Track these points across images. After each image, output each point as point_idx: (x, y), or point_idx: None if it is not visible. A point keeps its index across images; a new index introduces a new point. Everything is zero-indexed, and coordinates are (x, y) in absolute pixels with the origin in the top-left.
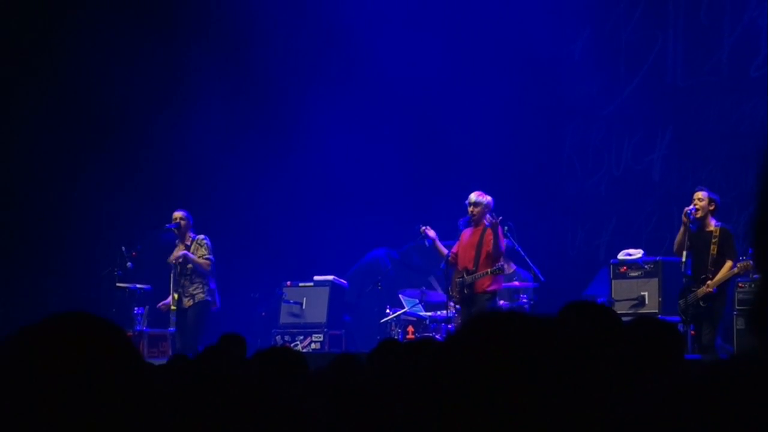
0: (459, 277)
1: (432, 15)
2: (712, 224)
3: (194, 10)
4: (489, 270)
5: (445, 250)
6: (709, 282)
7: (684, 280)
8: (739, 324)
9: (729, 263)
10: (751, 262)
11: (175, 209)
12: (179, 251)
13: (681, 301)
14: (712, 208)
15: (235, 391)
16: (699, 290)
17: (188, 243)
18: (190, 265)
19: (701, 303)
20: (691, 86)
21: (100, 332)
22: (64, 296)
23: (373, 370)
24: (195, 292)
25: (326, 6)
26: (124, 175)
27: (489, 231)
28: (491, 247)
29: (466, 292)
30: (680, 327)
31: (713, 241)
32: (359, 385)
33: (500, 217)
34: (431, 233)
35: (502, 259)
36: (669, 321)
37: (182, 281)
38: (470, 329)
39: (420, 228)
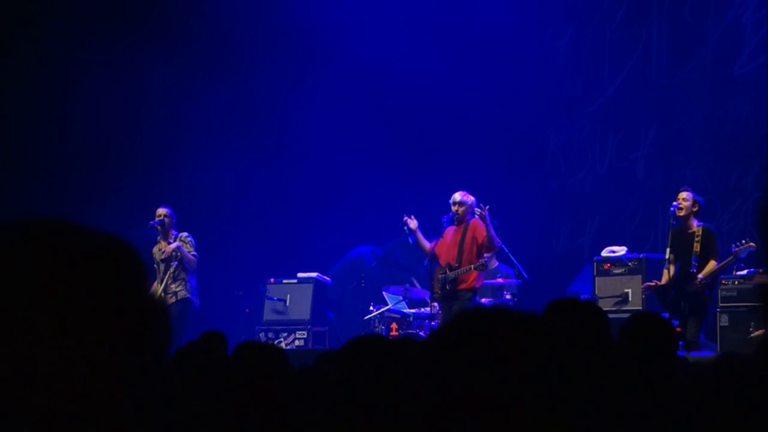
0: (441, 273)
1: (417, 12)
2: (695, 225)
3: (178, 9)
4: (472, 266)
5: (427, 243)
6: (700, 276)
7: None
8: (722, 321)
9: (713, 262)
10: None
11: (159, 206)
12: (164, 247)
13: (666, 300)
14: (695, 209)
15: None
16: (691, 285)
17: (171, 240)
18: (174, 263)
19: (695, 296)
20: (675, 84)
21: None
22: None
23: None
24: (177, 290)
25: (311, 2)
26: (108, 172)
27: (476, 226)
28: (484, 239)
29: (448, 288)
30: (674, 322)
31: (696, 239)
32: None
33: (487, 206)
34: (413, 224)
35: (493, 246)
36: (664, 317)
37: (165, 278)
38: (454, 326)
39: (403, 219)
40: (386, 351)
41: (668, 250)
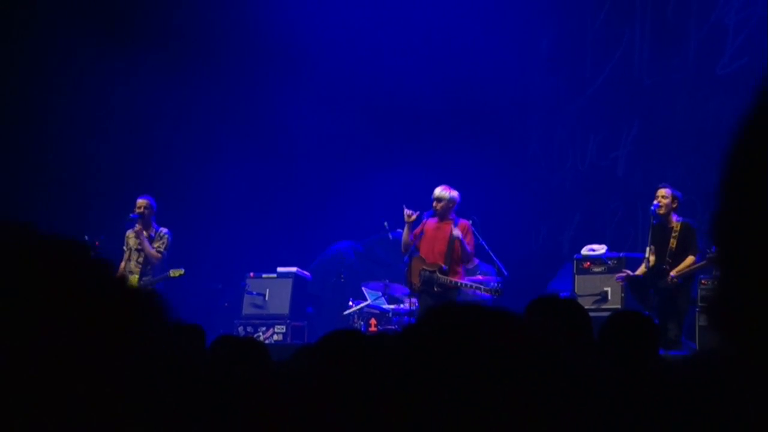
0: (428, 271)
1: (401, 9)
2: (674, 220)
3: (166, 8)
4: (482, 287)
5: (410, 238)
6: (672, 273)
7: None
8: (701, 321)
9: (691, 258)
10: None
11: (139, 197)
12: (137, 235)
13: (643, 297)
14: (675, 205)
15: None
16: (662, 281)
17: (152, 234)
18: (141, 257)
19: (669, 294)
20: (657, 83)
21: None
22: None
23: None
24: (147, 283)
25: None
26: (87, 164)
27: (466, 229)
28: (459, 252)
29: (436, 289)
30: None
31: (673, 235)
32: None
33: (471, 220)
34: (413, 217)
35: (469, 261)
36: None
37: (132, 269)
38: (425, 322)
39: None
40: (361, 346)
41: (648, 249)
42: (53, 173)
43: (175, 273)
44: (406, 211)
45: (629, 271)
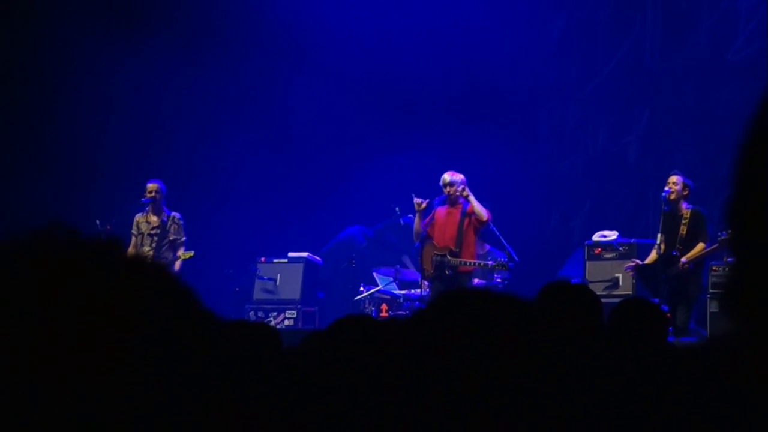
0: (439, 255)
1: None
2: (684, 208)
3: None
4: (490, 263)
5: (421, 225)
6: (683, 259)
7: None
8: (712, 307)
9: (701, 245)
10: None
11: (148, 180)
12: (152, 220)
13: (654, 284)
14: (685, 193)
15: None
16: (673, 268)
17: (164, 218)
18: (166, 241)
19: (680, 281)
20: (668, 69)
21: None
22: None
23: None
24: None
25: None
26: (96, 148)
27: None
28: (477, 216)
29: (447, 273)
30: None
31: (684, 222)
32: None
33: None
34: (423, 205)
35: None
36: (654, 302)
37: (146, 255)
38: (435, 307)
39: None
40: (372, 332)
41: (659, 236)
42: (62, 158)
43: (185, 255)
44: (416, 200)
45: (638, 261)
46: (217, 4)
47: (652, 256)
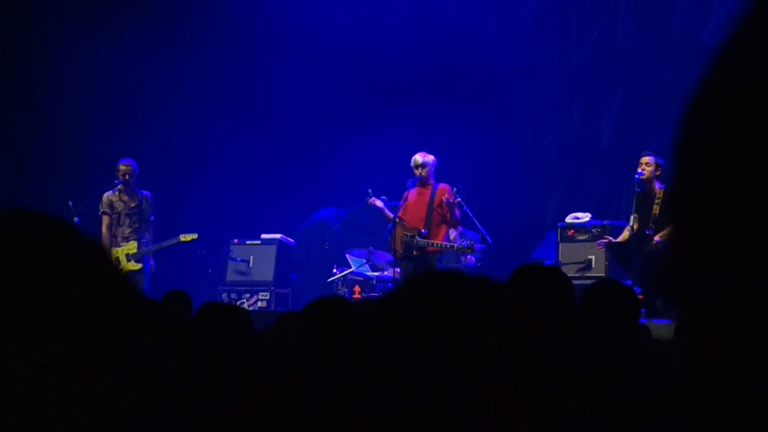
0: (408, 236)
1: None
2: (657, 187)
3: None
4: (455, 245)
5: (391, 215)
6: (656, 238)
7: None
8: None
9: None
10: None
11: (120, 159)
12: (126, 199)
13: (627, 265)
14: (658, 172)
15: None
16: (645, 247)
17: (140, 199)
18: (144, 220)
19: (647, 260)
20: (641, 51)
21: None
22: None
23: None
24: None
25: None
26: (71, 130)
27: (444, 190)
28: (448, 216)
29: (415, 253)
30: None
31: (656, 201)
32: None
33: (455, 188)
34: (378, 203)
35: (457, 225)
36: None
37: (126, 235)
38: (407, 288)
39: (367, 192)
40: (346, 313)
41: (633, 214)
42: (37, 140)
43: (186, 238)
44: (369, 200)
45: (611, 238)
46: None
47: (625, 234)
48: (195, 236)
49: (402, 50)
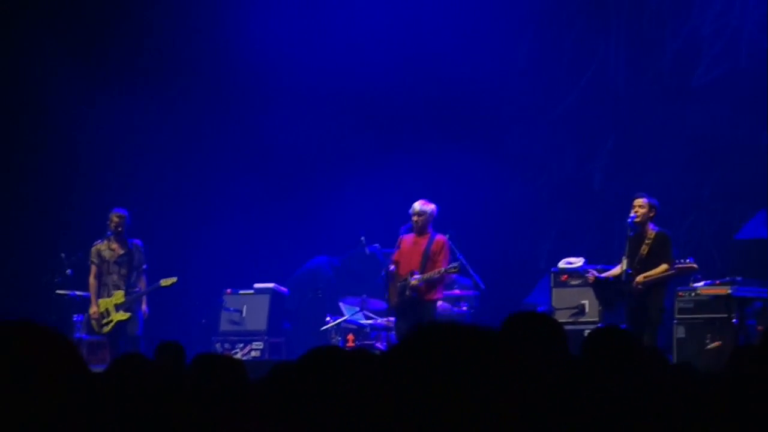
0: (401, 281)
1: (380, 17)
2: (650, 229)
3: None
4: (443, 268)
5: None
6: (638, 278)
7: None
8: (679, 333)
9: (664, 266)
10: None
11: (113, 208)
12: (116, 247)
13: (605, 298)
14: (652, 214)
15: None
16: (627, 286)
17: (130, 246)
18: (134, 269)
19: (631, 301)
20: (632, 95)
21: (45, 340)
22: (1, 303)
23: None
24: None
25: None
26: (60, 182)
27: (441, 243)
28: (441, 263)
29: (407, 294)
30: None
31: (646, 242)
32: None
33: (448, 234)
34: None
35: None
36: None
37: (116, 282)
38: (412, 341)
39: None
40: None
41: (625, 261)
42: (33, 190)
43: (166, 282)
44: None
45: (596, 273)
46: (186, 38)
47: (614, 271)
48: (174, 279)
49: (395, 96)
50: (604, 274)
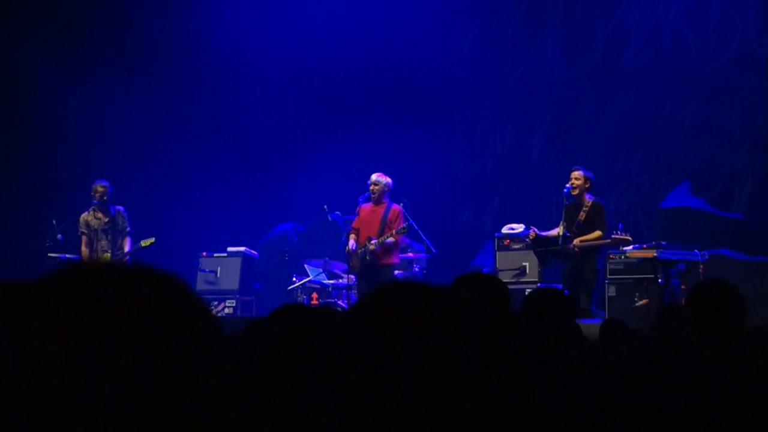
0: (362, 247)
1: (337, 9)
2: (587, 199)
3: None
4: (394, 231)
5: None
6: (575, 241)
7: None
8: (610, 292)
9: (598, 233)
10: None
11: (96, 181)
12: (101, 216)
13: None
14: (587, 185)
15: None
16: (563, 248)
17: (112, 213)
18: (118, 233)
19: (569, 263)
20: (567, 77)
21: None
22: None
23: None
24: (121, 256)
25: None
26: (50, 157)
27: (397, 212)
28: (395, 226)
29: (368, 259)
30: (566, 292)
31: (584, 209)
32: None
33: (402, 203)
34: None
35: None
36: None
37: (105, 248)
38: (375, 298)
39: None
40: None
41: (562, 225)
42: (24, 168)
43: (145, 243)
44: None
45: (537, 231)
46: (164, 29)
47: (552, 232)
48: (152, 240)
49: (353, 76)
50: (544, 233)
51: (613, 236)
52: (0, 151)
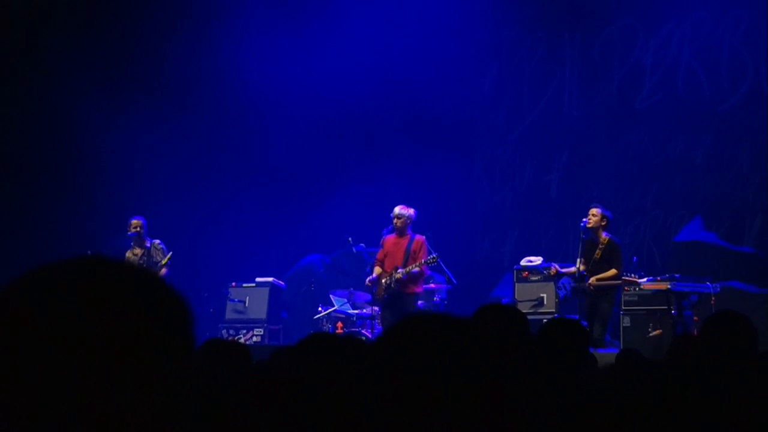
0: (386, 277)
1: (363, 48)
2: (603, 236)
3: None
4: (422, 261)
5: None
6: (590, 280)
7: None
8: (625, 322)
9: (613, 271)
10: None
11: (132, 217)
12: (138, 252)
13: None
14: (604, 223)
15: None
16: (579, 286)
17: (147, 246)
18: (152, 265)
19: (585, 295)
20: (584, 116)
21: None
22: None
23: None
24: None
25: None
26: (92, 192)
27: (420, 243)
28: (420, 259)
29: (393, 286)
30: (583, 323)
31: (600, 247)
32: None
33: (425, 236)
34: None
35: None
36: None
37: None
38: (401, 330)
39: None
40: (335, 346)
41: (578, 260)
42: (62, 199)
43: (165, 260)
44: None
45: (558, 267)
46: (197, 69)
47: (571, 270)
48: (170, 255)
49: (377, 114)
50: (564, 269)
51: (623, 278)
52: (42, 183)
